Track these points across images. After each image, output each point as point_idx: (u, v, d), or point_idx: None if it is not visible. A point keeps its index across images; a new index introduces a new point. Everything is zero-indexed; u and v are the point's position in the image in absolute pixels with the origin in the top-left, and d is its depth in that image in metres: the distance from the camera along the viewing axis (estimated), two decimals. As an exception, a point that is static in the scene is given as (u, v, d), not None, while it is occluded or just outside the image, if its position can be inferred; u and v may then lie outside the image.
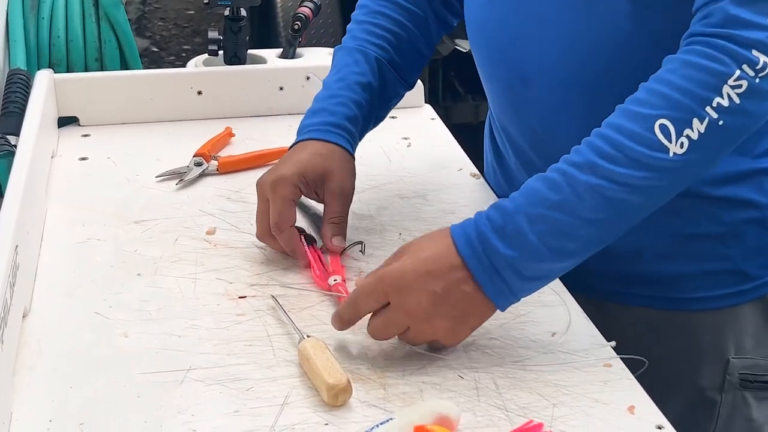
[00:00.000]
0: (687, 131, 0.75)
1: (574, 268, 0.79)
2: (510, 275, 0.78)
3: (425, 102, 1.45)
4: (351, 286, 0.91)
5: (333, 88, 1.00)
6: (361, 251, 0.99)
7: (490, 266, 0.78)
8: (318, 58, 1.92)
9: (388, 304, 0.80)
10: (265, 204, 0.95)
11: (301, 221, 1.08)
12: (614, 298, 1.02)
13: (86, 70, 1.63)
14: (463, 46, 2.36)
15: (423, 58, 1.07)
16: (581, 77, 0.90)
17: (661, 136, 0.75)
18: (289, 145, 1.02)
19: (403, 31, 1.04)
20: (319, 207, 1.09)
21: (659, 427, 0.76)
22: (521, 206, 0.78)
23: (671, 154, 0.75)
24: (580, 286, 0.95)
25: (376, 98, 1.03)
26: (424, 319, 0.79)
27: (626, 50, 0.86)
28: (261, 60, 1.93)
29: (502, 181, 1.10)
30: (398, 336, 0.82)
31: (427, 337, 0.81)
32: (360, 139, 1.03)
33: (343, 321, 0.83)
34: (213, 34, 1.74)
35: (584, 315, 0.90)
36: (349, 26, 1.07)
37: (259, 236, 0.96)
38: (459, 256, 0.78)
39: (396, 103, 1.08)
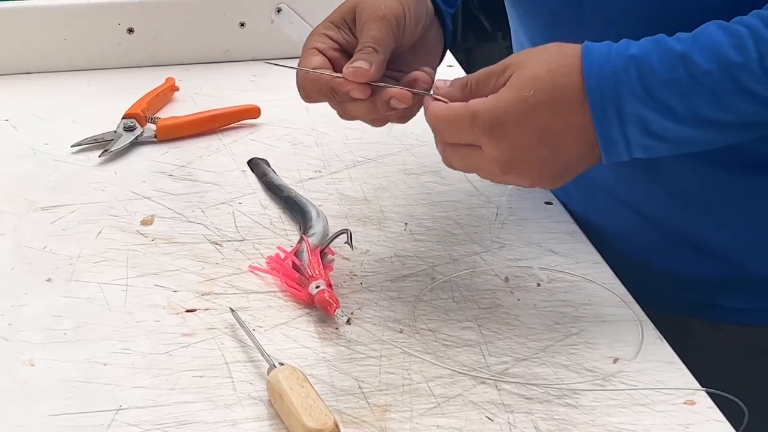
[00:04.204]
0: None
1: (647, 274, 0.78)
2: (633, 130, 0.82)
3: (440, 43, 1.44)
4: (338, 293, 0.91)
5: None
6: (348, 243, 0.99)
7: (615, 115, 0.81)
8: (293, -17, 1.91)
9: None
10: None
11: (271, 206, 1.07)
12: (699, 313, 1.02)
13: (-26, -1, 1.63)
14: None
15: None
16: (652, 7, 0.90)
17: None
18: (252, 102, 1.01)
19: None
20: (293, 187, 1.09)
21: (760, 488, 0.76)
22: (690, 51, 0.81)
23: None
24: (653, 297, 0.95)
25: None
26: (513, 171, 0.84)
27: None
28: (215, -14, 1.91)
29: None
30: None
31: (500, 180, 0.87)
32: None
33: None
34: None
35: (658, 334, 0.90)
36: None
37: (341, 115, 0.96)
38: (582, 95, 0.81)
39: None
